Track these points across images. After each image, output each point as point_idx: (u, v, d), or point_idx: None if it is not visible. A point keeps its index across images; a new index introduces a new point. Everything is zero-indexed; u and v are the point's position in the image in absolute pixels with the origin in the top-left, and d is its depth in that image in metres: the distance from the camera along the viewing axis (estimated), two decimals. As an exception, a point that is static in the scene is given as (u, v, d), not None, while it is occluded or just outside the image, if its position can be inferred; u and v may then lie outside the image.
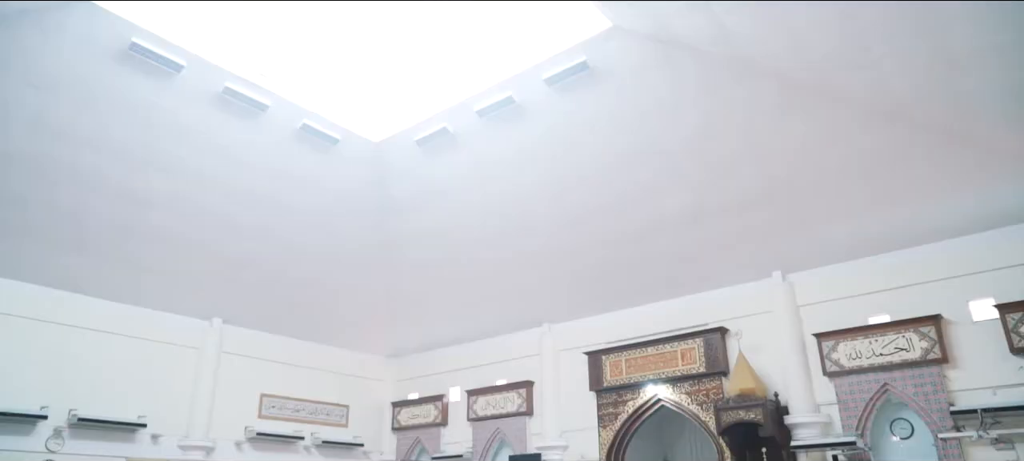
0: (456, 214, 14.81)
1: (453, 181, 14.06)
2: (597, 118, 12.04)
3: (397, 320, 19.04)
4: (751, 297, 14.59)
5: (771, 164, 12.10)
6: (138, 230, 13.93)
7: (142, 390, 15.63)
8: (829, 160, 11.76)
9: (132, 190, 13.05)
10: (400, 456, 19.97)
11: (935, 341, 12.04)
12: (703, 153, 12.19)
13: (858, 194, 12.21)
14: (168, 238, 14.35)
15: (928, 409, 11.87)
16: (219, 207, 13.99)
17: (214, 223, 14.34)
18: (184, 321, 16.88)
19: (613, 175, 12.94)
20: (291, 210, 14.60)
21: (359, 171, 14.17)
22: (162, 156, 12.63)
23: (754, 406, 13.01)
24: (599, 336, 16.69)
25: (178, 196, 13.47)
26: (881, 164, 11.55)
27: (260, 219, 14.56)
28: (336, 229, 15.43)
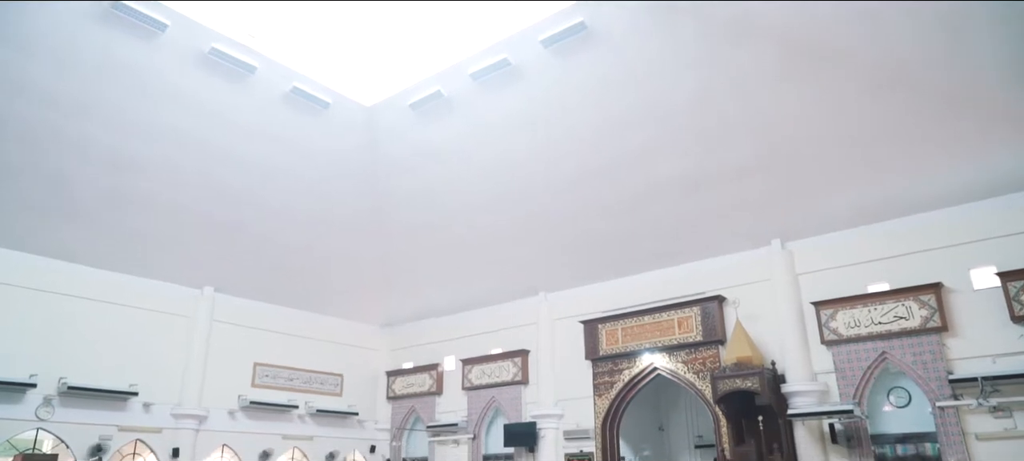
0: (450, 181, 14.54)
1: (447, 146, 13.76)
2: (593, 81, 11.73)
3: (391, 288, 18.87)
4: (749, 265, 14.43)
5: (770, 130, 11.84)
6: (125, 196, 13.65)
7: (133, 359, 15.47)
8: (830, 127, 11.51)
9: (118, 156, 12.74)
10: (395, 425, 19.94)
11: (935, 309, 11.91)
12: (701, 119, 11.92)
13: (859, 161, 11.99)
14: (156, 205, 14.07)
15: (926, 377, 11.78)
16: (207, 173, 13.69)
17: (203, 189, 14.05)
18: (175, 289, 16.66)
19: (609, 140, 12.66)
20: (282, 176, 14.30)
21: (351, 136, 13.85)
22: (147, 120, 12.29)
23: (751, 375, 12.90)
24: (595, 305, 16.55)
25: (164, 161, 13.16)
26: (883, 131, 11.31)
27: (250, 185, 14.27)
28: (328, 196, 15.16)
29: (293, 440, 18.12)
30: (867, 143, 11.58)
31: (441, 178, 14.55)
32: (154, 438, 15.54)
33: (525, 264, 16.59)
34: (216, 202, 14.46)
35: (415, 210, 15.64)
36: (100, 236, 14.57)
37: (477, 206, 15.02)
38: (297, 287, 18.03)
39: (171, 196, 14.04)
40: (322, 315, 19.65)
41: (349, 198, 15.35)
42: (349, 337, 20.30)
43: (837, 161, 12.08)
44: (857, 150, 11.76)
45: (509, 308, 18.38)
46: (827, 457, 12.70)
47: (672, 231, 14.49)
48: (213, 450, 16.66)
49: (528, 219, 15.05)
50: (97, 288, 15.29)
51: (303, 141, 13.61)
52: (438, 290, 18.66)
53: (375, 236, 16.55)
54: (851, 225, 13.33)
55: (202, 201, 14.35)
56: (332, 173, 14.60)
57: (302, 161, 14.07)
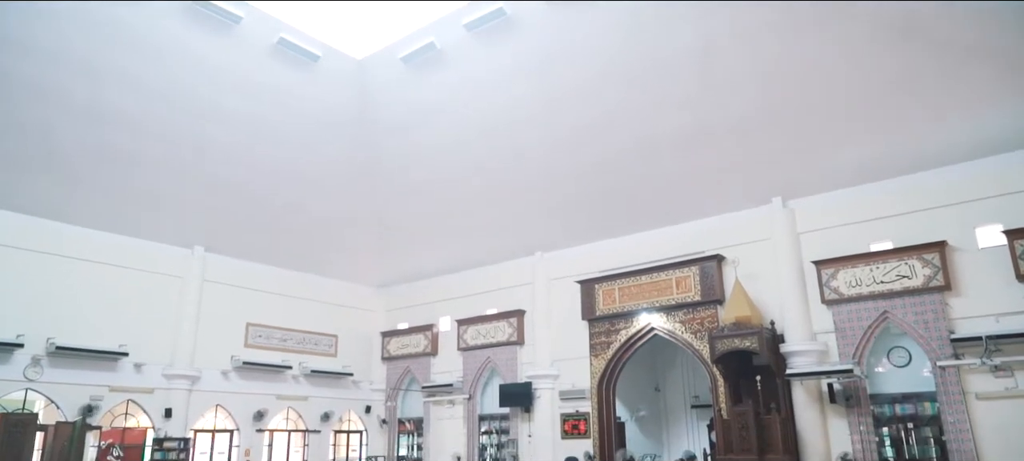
0: (444, 138, 14.16)
1: (441, 102, 13.35)
2: (593, 32, 11.30)
3: (386, 249, 18.59)
4: (749, 224, 14.16)
5: (774, 83, 11.47)
6: (107, 151, 13.24)
7: (123, 319, 15.22)
8: (838, 80, 11.13)
9: (98, 109, 12.30)
10: (390, 385, 19.86)
11: (938, 268, 11.69)
12: (704, 71, 11.53)
13: (867, 116, 11.64)
14: (140, 161, 13.68)
15: (927, 337, 11.62)
16: (194, 129, 13.28)
17: (190, 146, 13.66)
18: (165, 249, 16.35)
19: (608, 93, 12.27)
20: (271, 133, 13.89)
21: (342, 90, 13.43)
22: (128, 72, 11.84)
23: (750, 334, 12.73)
24: (592, 264, 16.32)
25: (147, 116, 12.73)
26: (890, 83, 10.95)
27: (239, 142, 13.88)
28: (320, 154, 14.78)
29: (287, 400, 18.01)
30: (874, 97, 11.23)
31: (435, 136, 14.17)
32: (146, 398, 15.39)
33: (521, 223, 16.30)
34: (204, 159, 14.08)
35: (409, 168, 15.28)
36: (87, 194, 14.21)
37: (472, 164, 14.67)
38: (290, 247, 17.74)
39: (158, 153, 13.65)
40: (316, 275, 19.40)
41: (341, 156, 14.97)
42: (343, 298, 20.09)
43: (845, 116, 11.73)
44: (866, 105, 11.40)
45: (505, 268, 18.15)
46: (825, 417, 12.61)
47: (671, 189, 14.19)
48: (206, 410, 16.55)
49: (524, 177, 14.72)
50: (85, 248, 14.97)
51: (292, 96, 13.18)
52: (433, 250, 18.39)
53: (369, 195, 16.22)
54: (854, 183, 13.04)
55: (190, 158, 13.96)
56: (323, 130, 14.21)
57: (292, 118, 13.66)
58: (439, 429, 18.44)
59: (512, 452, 16.62)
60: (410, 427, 19.56)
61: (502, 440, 17.23)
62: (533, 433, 16.40)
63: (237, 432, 16.98)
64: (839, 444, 12.31)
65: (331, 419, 18.85)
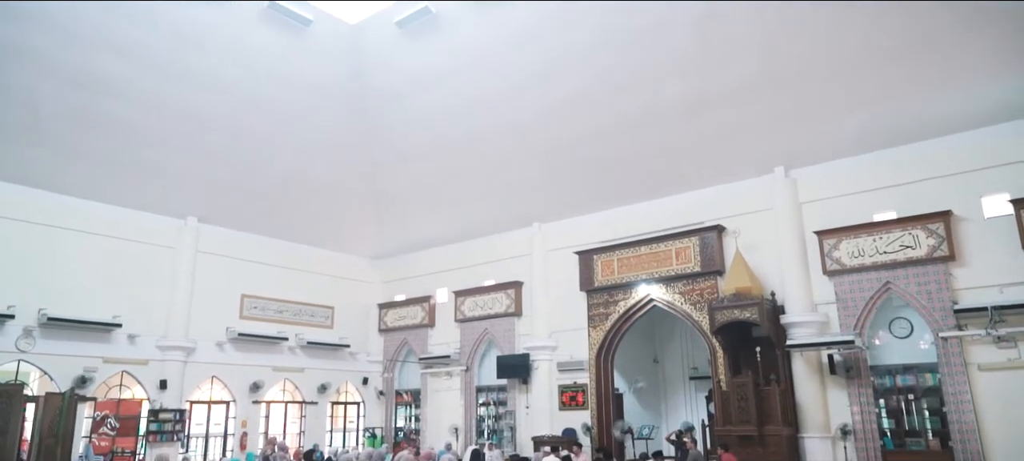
0: (441, 105, 13.87)
1: (437, 68, 13.05)
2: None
3: (382, 220, 18.37)
4: (751, 194, 13.94)
5: (777, 48, 11.18)
6: (95, 120, 12.94)
7: (116, 290, 15.03)
8: (843, 44, 10.84)
9: (85, 75, 11.98)
10: (387, 357, 19.77)
11: (943, 238, 11.51)
12: (704, 36, 11.23)
13: (872, 82, 11.36)
14: (130, 130, 13.39)
15: (930, 308, 11.47)
16: (183, 95, 12.98)
17: (179, 113, 13.36)
18: (157, 220, 16.10)
19: (607, 59, 11.98)
20: (263, 99, 13.60)
21: (335, 57, 13.11)
22: (116, 38, 11.51)
23: (750, 305, 12.58)
24: (591, 235, 16.12)
25: (135, 83, 12.42)
26: (899, 49, 10.66)
27: (230, 109, 13.58)
28: (313, 121, 14.49)
29: (284, 372, 17.92)
30: (882, 62, 10.94)
31: (431, 103, 13.88)
32: (140, 370, 15.26)
33: (519, 193, 16.07)
34: (196, 128, 13.79)
35: (405, 137, 15.02)
36: (76, 163, 13.92)
37: (469, 133, 14.40)
38: (285, 218, 17.50)
39: (148, 121, 13.36)
40: (311, 247, 19.19)
41: (336, 124, 14.69)
42: (339, 269, 19.91)
43: (849, 82, 11.45)
44: (871, 70, 11.12)
45: (502, 239, 17.95)
46: (825, 388, 12.52)
47: (671, 158, 13.94)
48: (202, 382, 16.44)
49: (522, 146, 14.46)
50: (76, 218, 14.72)
51: (285, 62, 12.87)
52: (430, 221, 18.17)
53: (364, 165, 15.97)
54: (858, 152, 12.79)
55: (181, 127, 13.68)
56: (317, 98, 13.91)
57: (284, 84, 13.36)
58: (436, 401, 18.38)
59: (510, 424, 16.58)
60: (408, 398, 19.51)
61: (500, 412, 17.17)
62: (531, 405, 16.33)
63: (233, 403, 16.90)
64: (839, 415, 12.23)
65: (328, 391, 18.77)
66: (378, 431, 19.29)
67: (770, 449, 12.04)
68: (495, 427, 17.17)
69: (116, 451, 14.61)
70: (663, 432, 17.35)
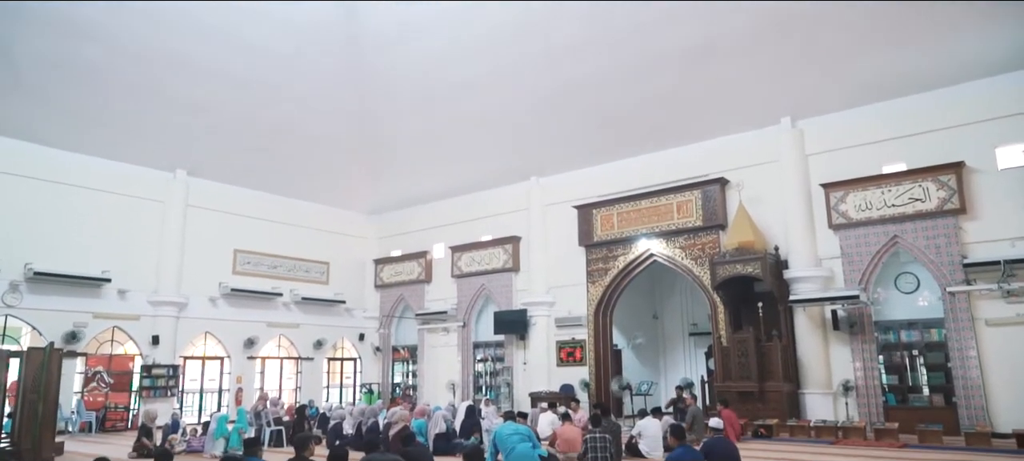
0: (435, 54, 13.29)
1: (431, 14, 12.44)
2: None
3: (377, 174, 17.94)
4: (756, 146, 13.53)
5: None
6: (76, 68, 12.39)
7: (104, 244, 14.72)
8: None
9: (65, 22, 11.40)
10: (383, 313, 19.58)
11: (954, 190, 11.14)
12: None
13: (883, 28, 10.80)
14: (112, 78, 12.84)
15: (938, 262, 11.17)
16: (167, 44, 12.38)
17: (161, 61, 12.78)
18: (145, 172, 15.70)
19: (608, 5, 11.40)
20: (250, 48, 12.99)
21: (326, 3, 12.51)
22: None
23: (752, 260, 12.29)
24: (590, 189, 15.76)
25: (117, 30, 11.83)
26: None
27: (215, 57, 13.00)
28: (304, 71, 13.92)
29: (278, 328, 17.72)
30: (891, 6, 10.38)
31: (425, 52, 13.30)
32: (132, 325, 15.04)
33: (516, 146, 15.62)
34: (180, 76, 13.24)
35: (399, 88, 14.47)
36: (58, 114, 13.43)
37: (466, 84, 13.86)
38: (277, 171, 17.06)
39: (132, 71, 12.80)
40: (305, 201, 18.83)
41: (328, 74, 14.12)
42: (335, 224, 19.58)
43: (857, 27, 10.89)
44: (880, 14, 10.55)
45: (500, 193, 17.59)
46: (827, 344, 12.30)
47: (674, 108, 13.45)
48: (195, 337, 16.25)
49: (519, 97, 13.95)
50: (61, 170, 14.35)
51: (272, 6, 12.26)
52: (426, 175, 17.75)
53: (358, 117, 15.45)
54: (868, 101, 12.35)
55: (166, 76, 13.12)
56: (306, 45, 13.32)
57: (272, 31, 12.75)
58: (433, 357, 18.24)
59: (507, 380, 16.44)
60: (405, 354, 19.37)
61: (497, 368, 17.03)
62: (528, 361, 16.18)
63: (228, 359, 16.75)
64: (841, 371, 12.04)
65: (324, 347, 18.62)
66: (375, 387, 19.20)
67: (770, 405, 11.89)
68: (492, 383, 17.04)
69: (110, 406, 14.50)
70: (662, 388, 17.26)
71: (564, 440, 8.47)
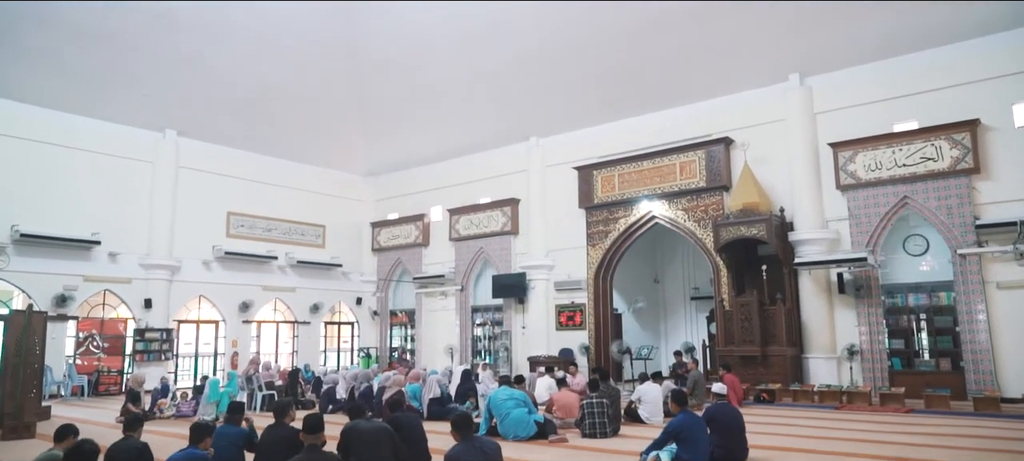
0: (433, 11, 12.80)
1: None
2: None
3: (373, 134, 17.49)
4: (762, 104, 13.09)
5: (800, -61, 10.10)
6: (60, 24, 11.93)
7: (93, 206, 14.39)
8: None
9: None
10: (380, 276, 19.32)
11: (968, 149, 10.73)
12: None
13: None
14: (97, 34, 12.36)
15: (949, 224, 10.81)
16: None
17: (148, 16, 12.31)
18: (134, 132, 15.29)
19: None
20: (237, 3, 12.53)
21: (314, -48, 11.98)
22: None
23: (757, 221, 11.94)
24: (591, 150, 15.35)
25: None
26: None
27: (203, 11, 12.52)
28: (295, 28, 13.44)
29: (274, 292, 17.48)
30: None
31: (422, 7, 12.81)
32: (124, 288, 14.78)
33: (515, 106, 15.16)
34: (167, 32, 12.76)
35: (395, 46, 13.97)
36: (42, 71, 12.96)
37: (463, 41, 13.37)
38: (271, 132, 16.62)
39: (117, 25, 12.32)
40: (300, 163, 18.43)
41: (320, 30, 13.63)
42: (330, 187, 19.21)
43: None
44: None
45: (498, 154, 17.18)
46: (832, 308, 12.02)
47: (677, 66, 12.97)
48: (189, 301, 16.01)
49: (518, 55, 13.46)
50: (46, 130, 13.97)
51: (258, -44, 11.75)
52: (423, 136, 17.31)
53: (353, 75, 14.97)
54: (880, 57, 11.87)
55: (152, 31, 12.64)
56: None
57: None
58: (431, 321, 18.02)
59: (505, 344, 16.23)
60: (403, 318, 19.16)
61: (495, 332, 16.81)
62: (527, 325, 15.94)
63: (223, 323, 16.53)
64: (846, 336, 11.77)
65: (321, 311, 18.39)
66: (373, 352, 19.02)
67: (773, 369, 11.65)
68: (491, 348, 16.84)
69: (103, 370, 14.33)
70: (662, 352, 17.06)
71: (561, 405, 8.23)
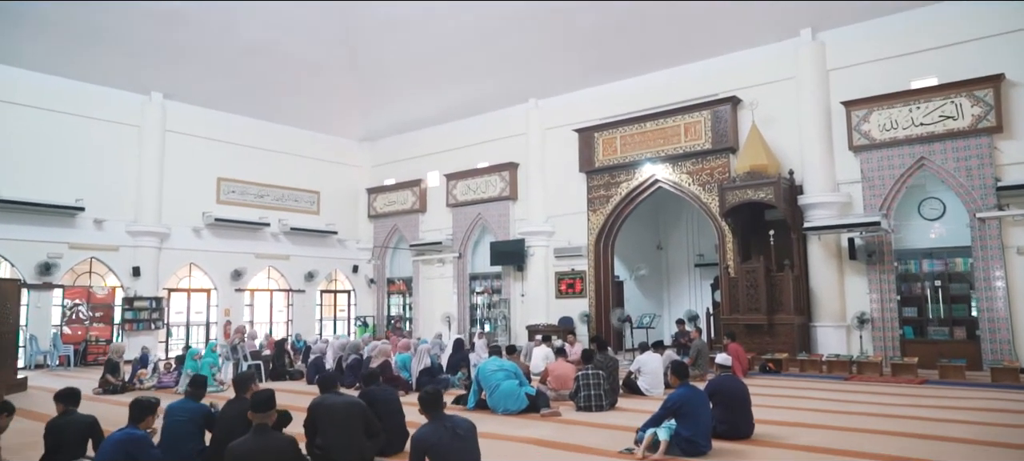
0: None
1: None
2: None
3: (367, 97, 16.88)
4: (772, 61, 12.44)
5: None
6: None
7: (77, 171, 13.92)
8: None
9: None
10: (377, 244, 18.88)
11: (990, 106, 10.11)
12: None
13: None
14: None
15: (969, 186, 10.25)
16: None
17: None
18: (118, 95, 14.73)
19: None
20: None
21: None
22: None
23: (765, 184, 11.40)
24: (592, 111, 14.75)
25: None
26: None
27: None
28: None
29: (267, 259, 17.06)
30: None
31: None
32: (111, 256, 14.38)
33: (514, 67, 14.52)
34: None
35: (391, 3, 13.34)
36: (23, 32, 12.40)
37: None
38: (261, 95, 16.03)
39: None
40: (293, 127, 17.87)
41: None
42: (325, 152, 18.67)
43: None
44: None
45: (497, 117, 16.59)
46: (842, 274, 11.53)
47: (682, 23, 12.31)
48: (179, 269, 15.62)
49: (518, 12, 12.80)
50: (26, 92, 13.45)
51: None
52: (419, 99, 16.71)
53: (347, 34, 14.35)
54: (897, 8, 11.18)
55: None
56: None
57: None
58: (429, 288, 17.62)
59: (504, 312, 15.82)
60: (401, 287, 18.75)
61: (494, 300, 16.39)
62: (526, 292, 15.51)
63: (215, 291, 16.16)
64: (856, 303, 11.30)
65: (316, 279, 18.00)
66: (369, 320, 18.66)
67: (779, 339, 11.22)
68: (489, 316, 16.44)
69: (91, 340, 13.99)
70: (665, 321, 16.65)
71: (556, 377, 7.79)
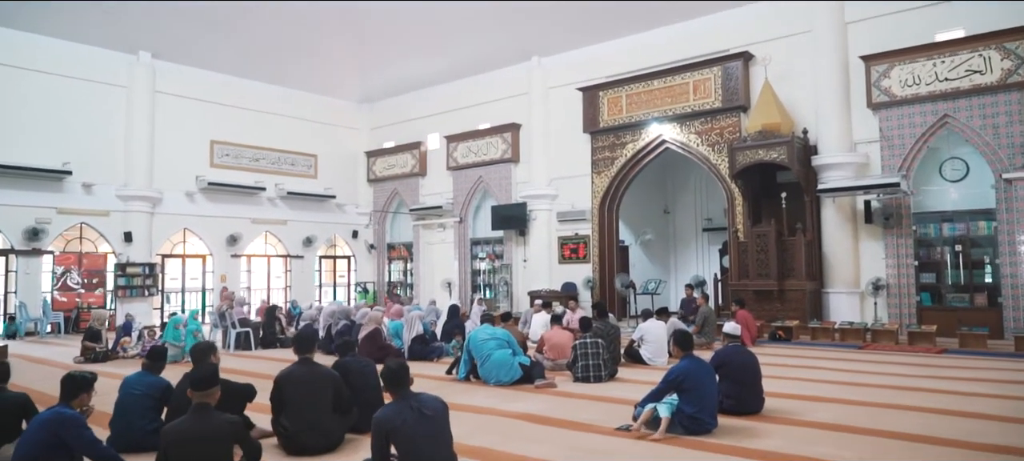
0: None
1: None
2: None
3: (365, 57, 16.24)
4: (786, 14, 11.76)
5: None
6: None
7: (63, 134, 13.48)
8: None
9: None
10: (376, 208, 18.44)
11: (1022, 60, 9.47)
12: None
13: None
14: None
15: (995, 145, 9.65)
16: None
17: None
18: (103, 54, 14.20)
19: None
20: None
21: None
22: None
23: (777, 144, 10.83)
24: (596, 69, 14.14)
25: None
26: None
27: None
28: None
29: (264, 224, 16.67)
30: None
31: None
32: (101, 221, 14.02)
33: (515, 23, 13.85)
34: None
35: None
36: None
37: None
38: (255, 55, 15.41)
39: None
40: (289, 88, 17.31)
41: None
42: (322, 114, 18.13)
43: None
44: None
45: (498, 76, 15.99)
46: (857, 239, 11.02)
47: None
48: (173, 234, 15.27)
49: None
50: (6, 52, 12.95)
51: None
52: (418, 59, 16.07)
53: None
54: (923, -45, 10.47)
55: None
56: None
57: None
58: (429, 254, 17.22)
59: (506, 278, 15.41)
60: (402, 252, 18.36)
61: (496, 265, 15.97)
62: (528, 258, 15.08)
63: (210, 257, 15.81)
64: (871, 269, 10.80)
65: (315, 244, 17.62)
66: (370, 286, 18.32)
67: (790, 305, 10.76)
68: (491, 281, 16.04)
69: (82, 307, 13.70)
70: (672, 287, 16.22)
71: (553, 345, 7.38)
